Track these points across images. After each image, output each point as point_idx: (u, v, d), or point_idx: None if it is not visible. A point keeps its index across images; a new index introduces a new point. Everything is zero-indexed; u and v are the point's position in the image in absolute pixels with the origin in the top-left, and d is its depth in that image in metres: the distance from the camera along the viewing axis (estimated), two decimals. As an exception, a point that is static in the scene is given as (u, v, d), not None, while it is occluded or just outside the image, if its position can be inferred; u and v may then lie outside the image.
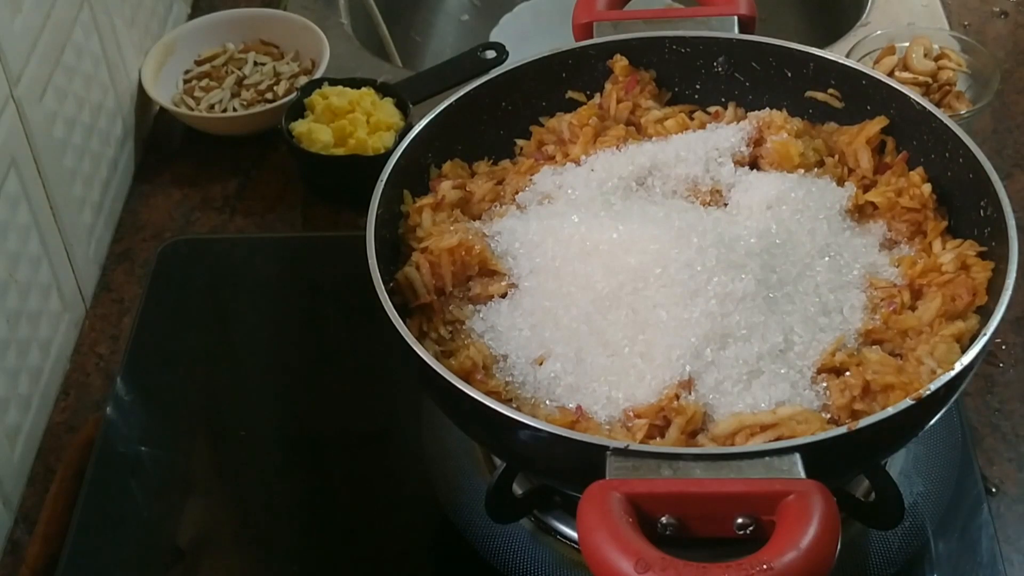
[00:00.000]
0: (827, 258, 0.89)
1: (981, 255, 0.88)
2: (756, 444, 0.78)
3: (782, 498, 0.70)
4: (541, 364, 0.85)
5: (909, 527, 0.92)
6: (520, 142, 1.02)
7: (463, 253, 0.89)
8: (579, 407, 0.82)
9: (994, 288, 0.86)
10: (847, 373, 0.82)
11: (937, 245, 0.91)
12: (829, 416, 0.80)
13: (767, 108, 1.01)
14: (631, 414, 0.81)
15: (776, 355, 0.82)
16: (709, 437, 0.80)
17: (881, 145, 0.98)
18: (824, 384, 0.82)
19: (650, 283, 0.84)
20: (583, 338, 0.84)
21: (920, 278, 0.88)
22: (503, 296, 0.89)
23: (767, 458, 0.73)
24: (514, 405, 0.83)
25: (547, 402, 0.83)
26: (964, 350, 0.81)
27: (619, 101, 1.02)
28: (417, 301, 0.89)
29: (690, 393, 0.81)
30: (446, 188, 0.96)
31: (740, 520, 0.70)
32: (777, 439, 0.77)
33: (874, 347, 0.85)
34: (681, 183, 0.95)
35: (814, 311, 0.85)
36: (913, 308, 0.87)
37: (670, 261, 0.85)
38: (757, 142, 0.97)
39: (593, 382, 0.83)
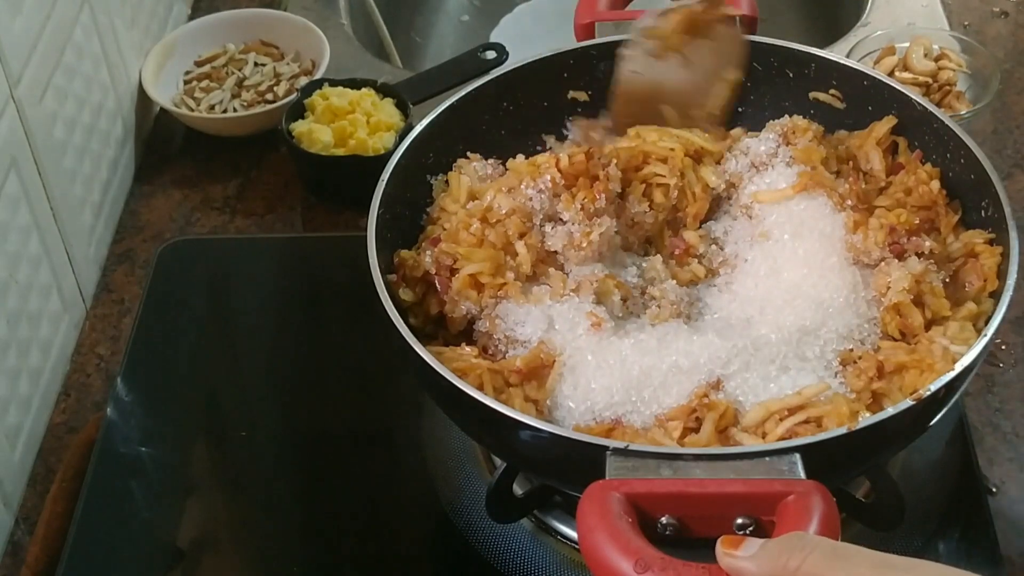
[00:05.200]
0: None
1: (989, 241, 0.89)
2: (757, 444, 0.78)
3: (782, 498, 0.70)
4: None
5: (909, 527, 0.92)
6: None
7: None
8: (618, 418, 0.82)
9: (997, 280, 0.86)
10: (860, 359, 0.83)
11: (951, 240, 0.91)
12: (854, 397, 0.81)
13: (769, 108, 1.02)
14: (663, 418, 0.81)
15: (801, 355, 0.84)
16: (740, 429, 0.80)
17: (894, 146, 0.98)
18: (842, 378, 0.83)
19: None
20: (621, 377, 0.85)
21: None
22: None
23: (767, 458, 0.73)
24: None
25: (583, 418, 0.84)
26: (979, 331, 0.82)
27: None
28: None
29: (719, 392, 0.82)
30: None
31: (740, 520, 0.70)
32: (805, 421, 0.79)
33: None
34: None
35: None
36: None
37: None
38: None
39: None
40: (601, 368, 0.84)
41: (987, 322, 0.82)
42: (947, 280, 0.87)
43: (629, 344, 0.85)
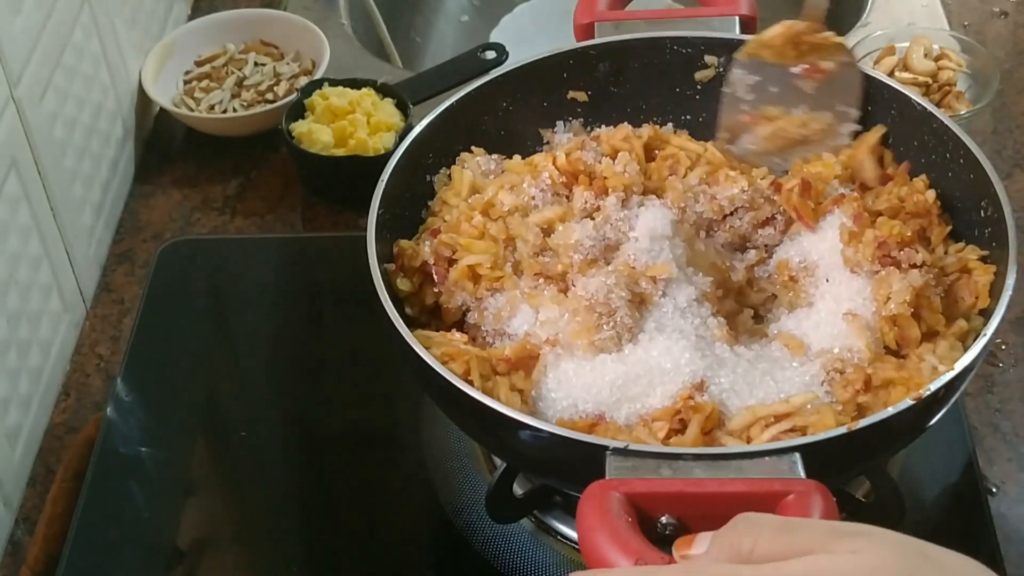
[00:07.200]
0: None
1: (983, 258, 0.88)
2: (756, 444, 0.78)
3: (782, 498, 0.70)
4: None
5: (909, 527, 0.92)
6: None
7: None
8: (601, 413, 0.82)
9: (994, 289, 0.86)
10: (848, 370, 0.82)
11: (940, 251, 0.91)
12: (840, 408, 0.81)
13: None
14: (648, 419, 0.81)
15: (788, 361, 0.84)
16: (726, 432, 0.80)
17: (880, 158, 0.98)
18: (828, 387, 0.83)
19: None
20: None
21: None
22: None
23: (767, 458, 0.73)
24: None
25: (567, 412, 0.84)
26: (966, 348, 0.81)
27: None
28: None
29: (703, 393, 0.82)
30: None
31: (740, 520, 0.70)
32: (791, 429, 0.78)
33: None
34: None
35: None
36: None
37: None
38: None
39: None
40: (585, 364, 0.84)
41: (976, 337, 0.81)
42: (942, 295, 0.87)
43: None
